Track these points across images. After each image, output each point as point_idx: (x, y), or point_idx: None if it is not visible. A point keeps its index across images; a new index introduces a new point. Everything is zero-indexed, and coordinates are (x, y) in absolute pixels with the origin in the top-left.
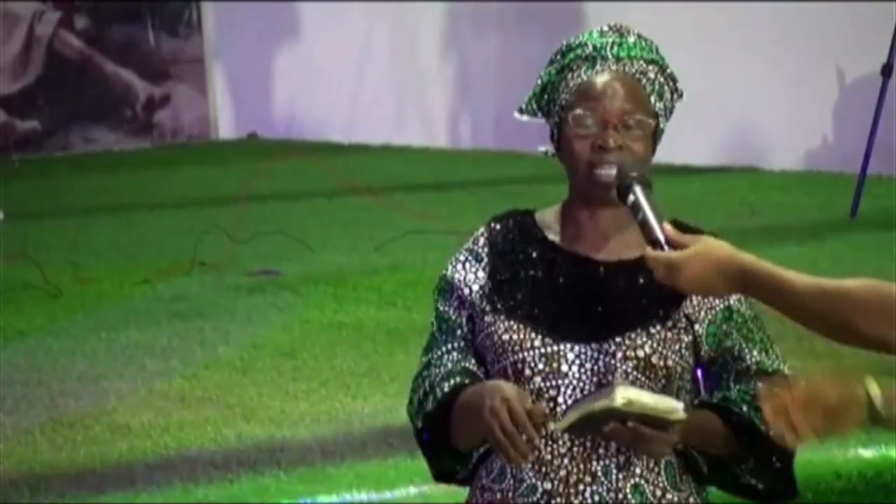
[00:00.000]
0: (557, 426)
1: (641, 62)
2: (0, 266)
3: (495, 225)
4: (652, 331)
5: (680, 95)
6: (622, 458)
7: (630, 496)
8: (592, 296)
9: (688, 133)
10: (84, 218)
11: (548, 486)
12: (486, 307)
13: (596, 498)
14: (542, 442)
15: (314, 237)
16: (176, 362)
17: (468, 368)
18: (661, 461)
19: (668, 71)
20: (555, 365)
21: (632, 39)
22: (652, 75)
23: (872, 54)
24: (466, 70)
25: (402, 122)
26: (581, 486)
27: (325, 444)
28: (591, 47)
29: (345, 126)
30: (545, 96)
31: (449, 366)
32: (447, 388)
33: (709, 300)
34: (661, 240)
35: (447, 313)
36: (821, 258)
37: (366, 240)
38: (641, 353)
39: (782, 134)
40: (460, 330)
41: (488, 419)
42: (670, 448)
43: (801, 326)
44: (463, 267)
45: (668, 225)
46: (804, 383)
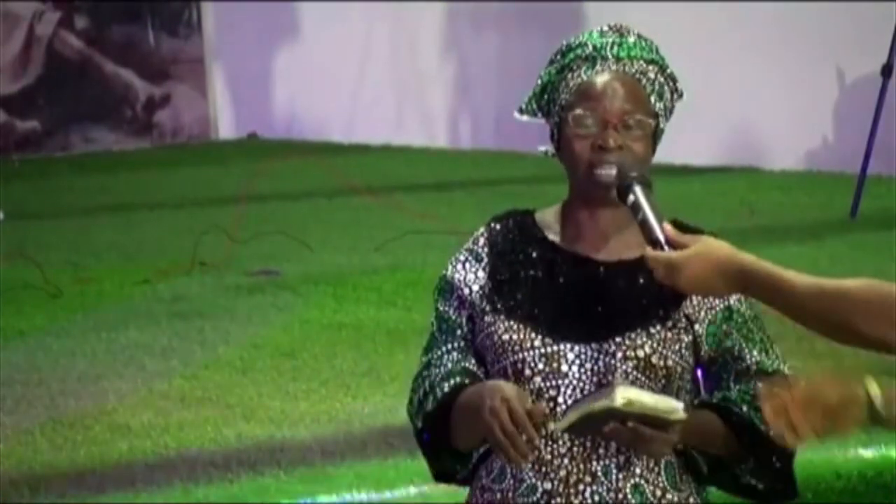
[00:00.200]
0: (557, 426)
1: (641, 62)
2: (0, 266)
3: (495, 225)
4: (652, 331)
5: (680, 95)
6: (622, 458)
7: (630, 496)
8: (592, 296)
9: (688, 133)
10: (84, 218)
11: (548, 486)
12: (486, 307)
13: (596, 498)
14: (542, 442)
15: (314, 237)
16: (176, 362)
17: (468, 368)
18: (661, 461)
19: (669, 71)
20: (555, 365)
21: (632, 39)
22: (652, 75)
23: (872, 54)
24: (466, 70)
25: (401, 122)
26: (581, 486)
27: (325, 444)
28: (591, 47)
29: (345, 126)
30: (545, 96)
31: (449, 366)
32: (447, 388)
33: (709, 300)
34: (662, 240)
35: (447, 313)
36: (821, 258)
37: (366, 240)
38: (641, 353)
39: (782, 134)
40: (460, 330)
41: (488, 419)
42: (670, 448)
43: (801, 326)
44: (463, 267)
45: (668, 225)
46: (804, 383)
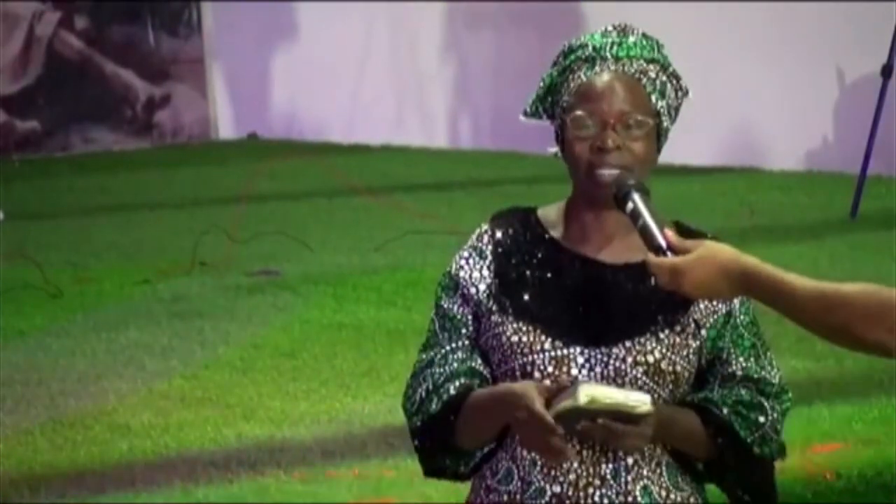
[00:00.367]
0: None
1: (641, 61)
2: (0, 266)
3: (498, 222)
4: (661, 336)
5: (686, 93)
6: (630, 461)
7: (640, 498)
8: (601, 299)
9: (688, 133)
10: (84, 218)
11: (557, 489)
12: (493, 306)
13: (605, 501)
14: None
15: (314, 237)
16: (176, 362)
17: (474, 368)
18: (661, 462)
19: (671, 69)
20: (564, 369)
21: (632, 39)
22: (653, 74)
23: (872, 54)
24: (466, 70)
25: (401, 122)
26: (590, 490)
27: (325, 444)
28: (591, 48)
29: (345, 126)
30: (549, 98)
31: (455, 365)
32: (453, 389)
33: (714, 305)
34: (664, 245)
35: (451, 310)
36: (821, 258)
37: (366, 240)
38: (651, 359)
39: (782, 134)
40: (465, 328)
41: (522, 434)
42: (645, 442)
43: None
44: (467, 263)
45: (668, 230)
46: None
